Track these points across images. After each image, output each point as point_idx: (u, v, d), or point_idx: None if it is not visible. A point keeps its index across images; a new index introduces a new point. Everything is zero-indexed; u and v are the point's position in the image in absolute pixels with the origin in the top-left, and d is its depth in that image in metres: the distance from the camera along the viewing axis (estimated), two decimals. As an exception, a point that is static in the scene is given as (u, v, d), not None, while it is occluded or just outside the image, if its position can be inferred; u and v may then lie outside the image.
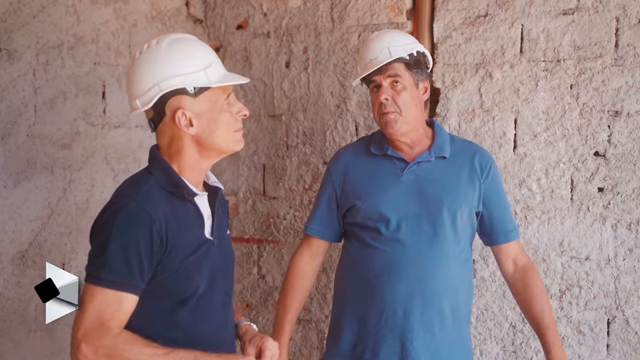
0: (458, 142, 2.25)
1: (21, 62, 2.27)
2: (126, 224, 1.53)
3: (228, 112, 1.65)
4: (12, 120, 2.24)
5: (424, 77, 2.19)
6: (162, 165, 1.64)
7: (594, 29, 2.41)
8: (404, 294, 2.06)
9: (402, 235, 2.08)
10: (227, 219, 1.85)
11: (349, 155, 2.28)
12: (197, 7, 3.11)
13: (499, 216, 2.18)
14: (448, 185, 2.13)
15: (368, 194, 2.15)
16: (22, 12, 2.27)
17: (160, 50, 1.61)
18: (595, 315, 2.44)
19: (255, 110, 3.06)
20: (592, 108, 2.42)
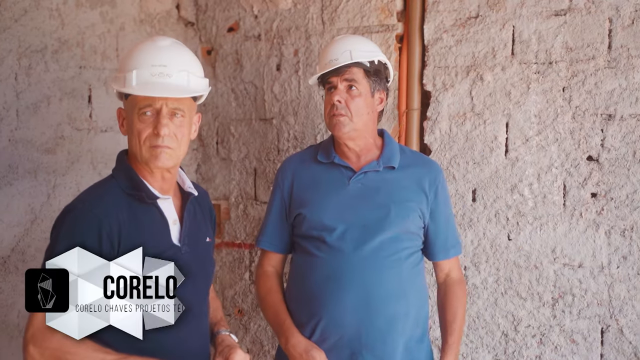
0: (408, 153, 2.24)
1: (2, 67, 2.25)
2: (73, 225, 1.53)
3: (144, 124, 1.60)
4: (-2, 123, 2.22)
5: (382, 88, 2.17)
6: (123, 168, 1.64)
7: (587, 30, 2.35)
8: (350, 303, 2.03)
9: (346, 244, 2.06)
10: (211, 225, 1.82)
11: (295, 163, 2.26)
12: (188, 10, 3.08)
13: (441, 234, 2.17)
14: (396, 194, 2.11)
15: (313, 202, 2.13)
16: (3, 16, 2.25)
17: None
18: (588, 324, 2.38)
19: (247, 113, 3.02)
20: (584, 111, 2.36)
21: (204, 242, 1.75)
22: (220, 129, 3.10)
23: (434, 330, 2.51)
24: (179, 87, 1.63)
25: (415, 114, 2.65)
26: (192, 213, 1.72)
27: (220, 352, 1.67)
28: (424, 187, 2.14)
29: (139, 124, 1.61)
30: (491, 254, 2.51)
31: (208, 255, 1.79)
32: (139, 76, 1.60)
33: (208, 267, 1.77)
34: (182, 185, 1.73)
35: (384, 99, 2.20)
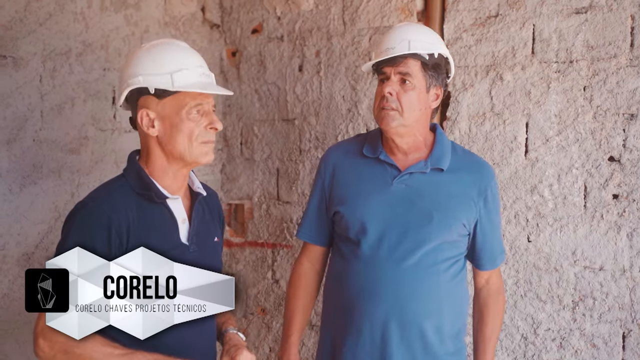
0: (460, 153, 2.09)
1: (27, 69, 2.32)
2: (83, 222, 1.58)
3: (193, 122, 1.64)
4: (18, 126, 2.30)
5: (438, 84, 2.01)
6: (134, 169, 1.69)
7: (608, 28, 2.30)
8: (382, 316, 1.95)
9: (382, 251, 1.96)
10: (219, 226, 1.85)
11: (339, 154, 2.15)
12: (213, 12, 3.13)
13: (488, 243, 2.06)
14: (441, 201, 1.98)
15: (352, 201, 2.04)
16: (28, 20, 2.32)
17: (141, 50, 1.67)
18: (610, 329, 2.33)
19: (270, 114, 3.05)
20: (606, 111, 2.31)
21: (212, 242, 1.79)
22: (244, 129, 3.14)
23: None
24: (218, 86, 1.74)
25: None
26: (201, 213, 1.76)
27: (227, 351, 1.70)
28: (472, 194, 2.01)
29: (189, 122, 1.64)
30: (510, 256, 2.48)
31: (216, 254, 1.82)
32: (189, 77, 1.64)
33: (216, 266, 1.80)
34: (191, 186, 1.77)
35: (440, 95, 2.04)
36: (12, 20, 2.28)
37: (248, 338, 3.16)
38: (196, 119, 1.65)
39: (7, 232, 2.29)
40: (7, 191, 2.28)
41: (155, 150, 1.67)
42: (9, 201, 2.29)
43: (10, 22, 2.27)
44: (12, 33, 2.28)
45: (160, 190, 1.65)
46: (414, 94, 1.96)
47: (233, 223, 3.22)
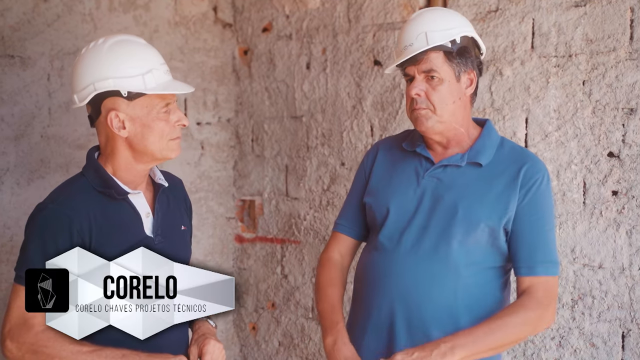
0: (507, 149, 1.92)
1: (35, 68, 2.42)
2: (44, 225, 1.61)
3: (164, 121, 1.67)
4: (26, 122, 2.40)
5: (469, 68, 1.86)
6: (93, 166, 1.71)
7: (608, 20, 2.25)
8: (389, 310, 1.85)
9: (402, 246, 1.85)
10: (186, 214, 1.88)
11: (383, 146, 2.05)
12: (225, 12, 3.19)
13: (526, 244, 1.82)
14: (471, 196, 1.83)
15: (380, 192, 1.95)
16: (36, 21, 2.42)
17: (101, 50, 1.65)
18: (609, 328, 2.28)
19: (279, 111, 3.09)
20: (605, 105, 2.26)
21: (178, 231, 1.81)
22: (255, 127, 3.19)
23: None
24: (181, 83, 1.75)
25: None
26: (165, 204, 1.79)
27: (195, 340, 1.72)
28: (515, 187, 1.83)
29: (159, 122, 1.67)
30: (510, 253, 2.45)
31: (183, 243, 1.84)
32: (158, 77, 1.66)
33: (183, 255, 1.83)
34: (153, 178, 1.80)
35: (474, 79, 1.89)
36: (19, 21, 2.39)
37: (258, 332, 3.21)
38: (165, 118, 1.68)
39: (15, 225, 2.39)
40: (15, 185, 2.38)
41: (123, 149, 1.68)
42: (17, 194, 2.39)
43: (18, 24, 2.38)
44: (20, 34, 2.38)
45: (121, 187, 1.68)
46: (444, 88, 1.83)
47: (245, 219, 3.27)
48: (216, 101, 3.16)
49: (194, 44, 3.03)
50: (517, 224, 1.83)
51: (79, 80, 1.66)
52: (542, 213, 1.85)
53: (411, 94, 1.84)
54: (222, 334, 3.24)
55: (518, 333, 1.80)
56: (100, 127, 1.70)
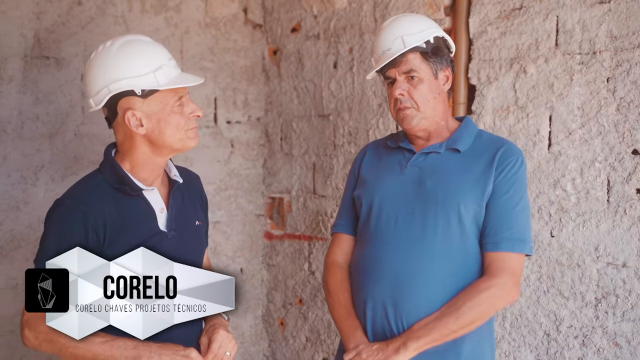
0: (486, 138, 2.03)
1: (69, 69, 2.52)
2: (60, 220, 1.68)
3: (179, 114, 1.72)
4: (60, 121, 2.50)
5: (445, 65, 2.00)
6: (109, 164, 1.76)
7: (632, 17, 2.23)
8: (381, 297, 1.91)
9: (390, 235, 1.94)
10: (201, 209, 1.93)
11: (371, 146, 2.18)
12: (255, 13, 3.25)
13: (494, 221, 1.90)
14: (451, 180, 1.93)
15: (368, 185, 2.05)
16: (71, 23, 2.52)
17: (110, 53, 1.70)
18: (632, 327, 2.25)
19: (307, 110, 3.14)
20: (629, 103, 2.24)
21: (192, 226, 1.86)
22: (284, 125, 3.25)
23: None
24: (190, 74, 1.80)
25: (462, 108, 2.63)
26: (179, 200, 1.84)
27: (206, 331, 1.76)
28: (492, 169, 1.92)
29: (175, 115, 1.73)
30: (534, 251, 2.44)
31: (198, 237, 1.89)
32: (168, 72, 1.71)
33: (197, 248, 1.88)
34: (169, 174, 1.86)
35: (450, 76, 2.02)
36: (54, 24, 2.49)
37: (286, 328, 3.26)
38: (180, 110, 1.73)
39: (49, 219, 2.50)
40: (50, 181, 2.48)
41: (141, 145, 1.74)
42: (51, 190, 2.49)
43: (53, 26, 2.48)
44: (55, 36, 2.48)
45: (135, 183, 1.74)
46: (424, 87, 1.95)
47: (275, 216, 3.33)
48: (246, 100, 3.23)
49: (224, 44, 3.10)
50: (488, 202, 1.91)
51: (93, 85, 1.72)
52: (513, 193, 1.92)
53: (395, 94, 1.96)
54: (251, 329, 3.31)
55: (473, 316, 1.85)
56: (117, 127, 1.76)
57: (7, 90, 2.44)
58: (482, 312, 1.86)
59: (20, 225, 2.46)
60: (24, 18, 2.44)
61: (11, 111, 2.45)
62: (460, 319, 1.83)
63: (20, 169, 2.47)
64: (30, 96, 2.47)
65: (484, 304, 1.85)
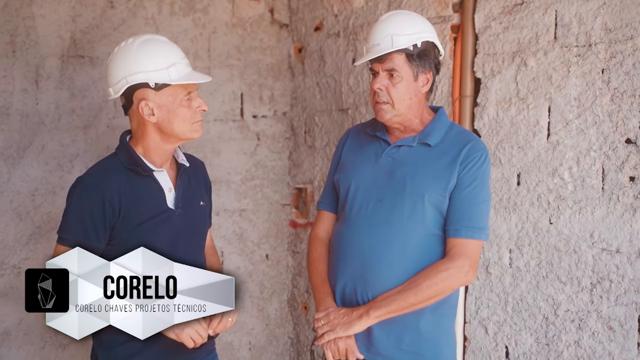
0: (455, 132, 2.18)
1: (102, 67, 2.76)
2: (81, 195, 1.89)
3: (187, 107, 1.92)
4: (93, 114, 2.75)
5: (427, 69, 2.13)
6: (124, 147, 1.99)
7: (625, 9, 2.29)
8: (349, 277, 2.10)
9: (361, 218, 2.10)
10: (206, 192, 2.13)
11: (354, 131, 2.34)
12: (282, 13, 3.44)
13: (457, 209, 2.06)
14: (419, 171, 2.09)
15: (347, 170, 2.21)
16: (104, 25, 2.76)
17: (132, 49, 1.92)
18: (625, 311, 2.31)
19: (328, 105, 3.30)
20: (623, 93, 2.30)
21: (198, 206, 2.06)
22: (307, 119, 3.42)
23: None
24: (200, 73, 2.00)
25: (468, 101, 2.73)
26: (186, 181, 2.04)
27: None
28: (457, 163, 2.08)
29: (183, 108, 1.93)
30: (533, 238, 2.53)
31: (202, 215, 2.09)
32: (180, 70, 1.92)
33: (202, 226, 2.08)
34: (177, 159, 2.06)
35: (430, 79, 2.16)
36: (89, 26, 2.73)
37: (309, 311, 3.43)
38: (188, 104, 1.93)
39: (84, 204, 2.75)
40: (84, 168, 2.73)
41: (152, 132, 1.95)
42: (86, 177, 2.73)
43: (87, 28, 2.73)
44: (89, 37, 2.73)
45: (147, 165, 1.95)
46: (402, 86, 2.09)
47: (300, 205, 3.50)
48: (272, 96, 3.41)
49: (250, 43, 3.29)
50: (452, 194, 2.08)
51: (113, 75, 1.93)
52: (475, 186, 2.08)
53: (374, 87, 2.11)
54: (276, 312, 3.49)
55: (430, 293, 2.04)
56: (132, 114, 1.97)
57: (45, 86, 2.71)
58: (439, 290, 2.05)
59: (57, 208, 2.72)
60: (61, 21, 2.70)
61: (49, 105, 2.72)
62: (419, 295, 2.02)
63: (57, 157, 2.74)
64: (67, 92, 2.73)
65: (441, 283, 2.04)
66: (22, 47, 2.66)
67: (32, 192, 2.73)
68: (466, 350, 2.75)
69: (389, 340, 2.08)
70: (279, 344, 3.49)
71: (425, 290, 2.02)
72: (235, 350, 3.36)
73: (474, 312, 2.71)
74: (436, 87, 2.83)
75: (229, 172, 3.25)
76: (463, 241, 2.07)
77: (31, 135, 2.72)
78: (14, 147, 2.70)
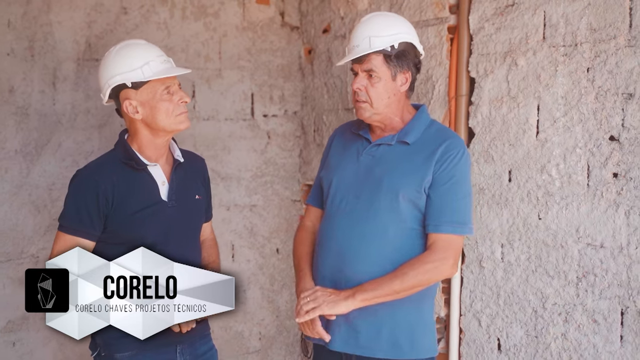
0: (434, 130, 2.24)
1: (116, 69, 2.92)
2: (78, 186, 2.06)
3: (168, 101, 2.06)
4: (108, 114, 2.92)
5: (405, 69, 2.19)
6: (121, 144, 2.14)
7: (609, 10, 2.35)
8: (328, 272, 2.18)
9: (341, 215, 2.19)
10: (202, 186, 2.26)
11: (341, 129, 2.44)
12: (292, 16, 3.56)
13: (436, 205, 2.12)
14: (395, 168, 2.15)
15: (331, 167, 2.31)
16: (118, 30, 2.93)
17: (111, 55, 2.09)
18: (609, 305, 2.37)
19: (335, 104, 3.42)
20: (606, 91, 2.36)
21: (192, 199, 2.19)
22: (316, 118, 3.54)
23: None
24: (177, 67, 2.14)
25: (463, 100, 2.81)
26: (181, 175, 2.18)
27: None
28: (433, 159, 2.13)
29: (164, 102, 2.06)
30: (523, 233, 2.60)
31: (197, 209, 2.22)
32: (154, 67, 2.06)
33: (196, 218, 2.21)
34: (173, 154, 2.20)
35: (409, 78, 2.21)
36: (103, 31, 2.91)
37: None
38: (168, 98, 2.07)
39: (98, 197, 2.92)
40: (98, 166, 2.91)
41: (141, 129, 2.10)
42: (100, 174, 2.91)
43: (102, 33, 2.91)
44: (104, 41, 2.91)
45: (141, 159, 2.09)
46: (380, 86, 2.17)
47: (311, 202, 3.63)
48: (282, 96, 3.54)
49: (260, 45, 3.43)
50: (431, 190, 2.14)
51: (100, 82, 2.12)
52: (453, 183, 2.14)
53: (354, 87, 2.19)
54: (286, 304, 3.62)
55: (415, 282, 2.11)
56: (123, 115, 2.13)
57: (62, 88, 2.90)
58: (424, 280, 2.12)
59: (73, 202, 2.92)
60: (77, 27, 2.89)
61: (65, 105, 2.91)
62: (405, 283, 2.09)
63: (73, 155, 2.93)
64: (82, 93, 2.91)
65: (426, 273, 2.11)
66: (40, 52, 2.86)
67: (50, 186, 2.93)
68: (461, 342, 2.84)
69: (367, 332, 2.16)
70: (289, 335, 3.62)
71: (411, 279, 2.08)
72: (246, 340, 3.51)
73: (468, 305, 2.80)
74: (434, 86, 2.92)
75: (240, 169, 3.39)
76: (445, 236, 2.13)
77: (49, 134, 2.91)
78: (32, 144, 2.90)
